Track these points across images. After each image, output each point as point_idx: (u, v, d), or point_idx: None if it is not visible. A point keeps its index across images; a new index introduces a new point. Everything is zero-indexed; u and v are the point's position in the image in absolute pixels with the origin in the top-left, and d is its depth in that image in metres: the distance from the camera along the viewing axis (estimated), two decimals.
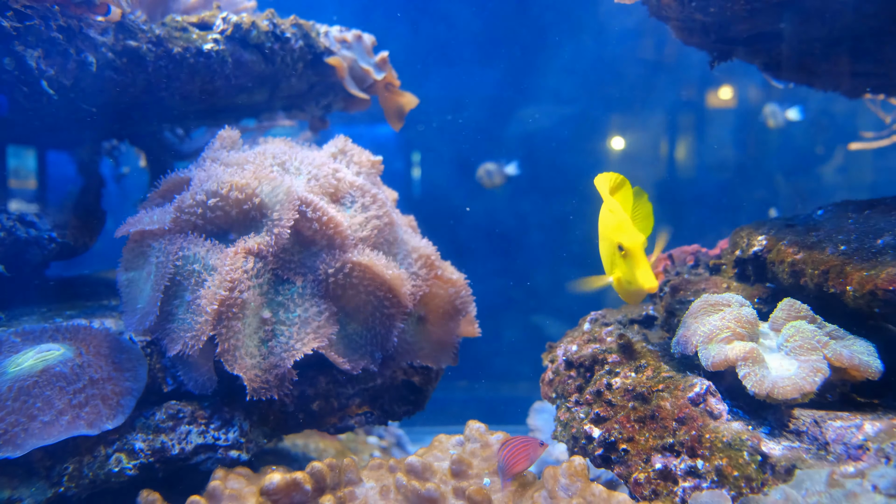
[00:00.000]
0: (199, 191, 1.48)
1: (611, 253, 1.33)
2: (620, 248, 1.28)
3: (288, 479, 1.27)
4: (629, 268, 1.28)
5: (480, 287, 1.91)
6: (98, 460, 1.37)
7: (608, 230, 1.34)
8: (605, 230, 1.35)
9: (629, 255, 1.28)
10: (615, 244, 1.30)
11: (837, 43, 1.61)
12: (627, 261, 1.29)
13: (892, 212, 1.28)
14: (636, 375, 1.33)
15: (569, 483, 1.21)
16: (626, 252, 1.28)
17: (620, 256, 1.29)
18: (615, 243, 1.30)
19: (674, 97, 4.33)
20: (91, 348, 1.44)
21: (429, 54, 4.32)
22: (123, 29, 1.60)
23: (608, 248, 1.34)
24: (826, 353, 1.16)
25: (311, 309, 1.51)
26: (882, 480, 0.95)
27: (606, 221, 1.35)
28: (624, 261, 1.29)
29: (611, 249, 1.33)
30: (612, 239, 1.32)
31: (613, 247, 1.31)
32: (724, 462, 1.12)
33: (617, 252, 1.30)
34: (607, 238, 1.34)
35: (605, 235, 1.35)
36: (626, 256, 1.28)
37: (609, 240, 1.33)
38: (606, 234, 1.34)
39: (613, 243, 1.31)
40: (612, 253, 1.32)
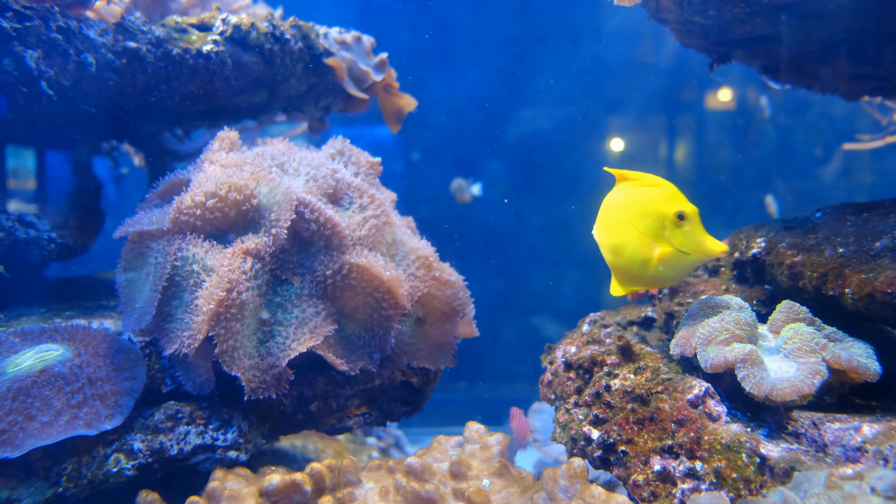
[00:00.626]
0: (198, 192, 1.49)
1: (657, 228, 1.27)
2: (681, 216, 1.23)
3: (287, 480, 1.27)
4: (690, 236, 1.24)
5: (479, 288, 1.91)
6: (97, 460, 1.37)
7: (657, 202, 1.27)
8: (652, 203, 1.27)
9: (690, 222, 1.23)
10: (666, 215, 1.25)
11: (836, 46, 1.62)
12: (686, 230, 1.24)
13: (890, 215, 1.28)
14: (635, 377, 1.33)
15: (568, 485, 1.21)
16: (687, 220, 1.23)
17: (676, 227, 1.24)
18: (667, 214, 1.25)
19: (673, 99, 4.34)
20: (90, 349, 1.43)
21: (428, 56, 4.32)
22: (123, 30, 1.60)
23: (653, 223, 1.27)
24: (825, 356, 1.16)
25: (308, 310, 1.51)
26: (880, 482, 0.95)
27: (649, 195, 1.28)
28: (681, 231, 1.24)
29: (657, 224, 1.26)
30: (661, 210, 1.26)
31: (663, 220, 1.25)
32: (723, 464, 1.12)
33: (668, 225, 1.25)
34: (654, 212, 1.27)
35: (649, 210, 1.28)
36: (684, 225, 1.24)
37: (657, 213, 1.26)
38: (653, 208, 1.27)
39: (664, 215, 1.25)
40: (660, 227, 1.26)
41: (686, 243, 1.24)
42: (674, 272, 1.30)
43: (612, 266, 1.39)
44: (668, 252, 1.26)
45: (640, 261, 1.30)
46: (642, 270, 1.31)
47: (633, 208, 1.30)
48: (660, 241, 1.27)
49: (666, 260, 1.27)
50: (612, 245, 1.34)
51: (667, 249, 1.26)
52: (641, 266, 1.30)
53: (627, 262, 1.32)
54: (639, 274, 1.33)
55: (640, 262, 1.30)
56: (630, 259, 1.31)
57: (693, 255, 1.26)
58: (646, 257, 1.29)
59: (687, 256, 1.26)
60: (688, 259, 1.26)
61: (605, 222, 1.36)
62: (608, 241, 1.35)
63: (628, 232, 1.30)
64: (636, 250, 1.30)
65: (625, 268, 1.34)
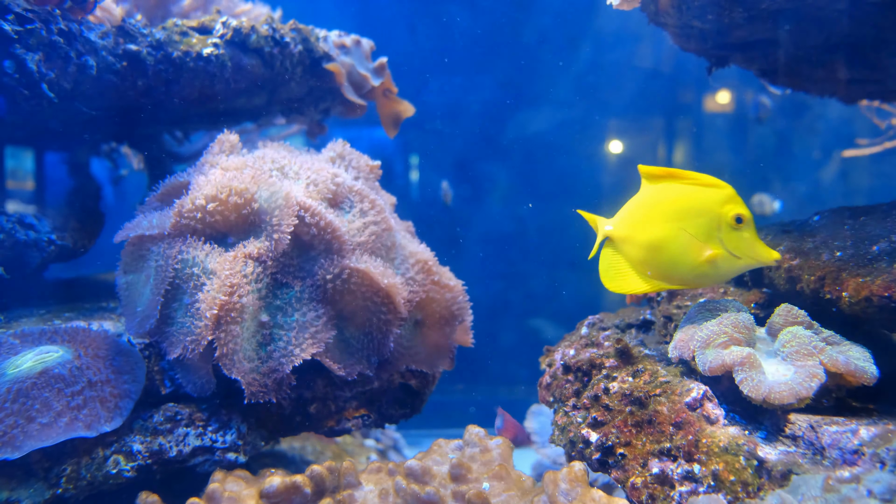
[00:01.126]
0: (199, 195, 1.49)
1: (710, 228, 1.24)
2: (739, 219, 1.21)
3: (287, 483, 1.27)
4: (745, 241, 1.21)
5: (478, 290, 1.91)
6: (96, 462, 1.37)
7: (714, 202, 1.24)
8: (708, 203, 1.24)
9: (747, 226, 1.21)
10: (723, 217, 1.22)
11: (833, 50, 1.62)
12: (742, 234, 1.21)
13: (887, 218, 1.29)
14: (633, 380, 1.34)
15: (569, 488, 1.21)
16: (745, 223, 1.21)
17: (732, 230, 1.22)
18: (725, 215, 1.22)
19: (671, 102, 4.34)
20: (90, 350, 1.44)
21: (427, 58, 4.33)
22: (124, 33, 1.61)
23: (707, 223, 1.24)
24: (822, 359, 1.16)
25: (309, 313, 1.51)
26: (877, 485, 0.96)
27: (705, 195, 1.25)
28: (736, 234, 1.22)
29: (711, 224, 1.23)
30: (718, 211, 1.23)
31: (718, 221, 1.23)
32: (721, 467, 1.13)
33: (723, 227, 1.22)
34: (710, 212, 1.24)
35: (705, 209, 1.24)
36: (741, 229, 1.21)
37: (713, 213, 1.23)
38: (710, 208, 1.24)
39: (720, 216, 1.22)
40: (714, 228, 1.23)
41: (739, 247, 1.22)
42: (719, 275, 1.27)
43: (643, 262, 1.35)
44: (719, 254, 1.24)
45: (686, 260, 1.27)
46: (685, 270, 1.28)
47: (686, 207, 1.26)
48: (711, 243, 1.24)
49: (716, 262, 1.25)
50: (651, 241, 1.31)
51: (718, 252, 1.24)
52: (685, 265, 1.28)
53: (670, 259, 1.29)
54: (678, 273, 1.30)
55: (684, 262, 1.28)
56: (673, 257, 1.29)
57: (744, 260, 1.23)
58: (693, 257, 1.27)
59: (738, 261, 1.23)
60: (738, 263, 1.24)
61: (642, 218, 1.33)
62: (645, 237, 1.32)
63: (675, 230, 1.27)
64: (683, 249, 1.27)
65: (663, 265, 1.31)
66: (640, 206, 1.35)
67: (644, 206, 1.34)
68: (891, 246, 1.18)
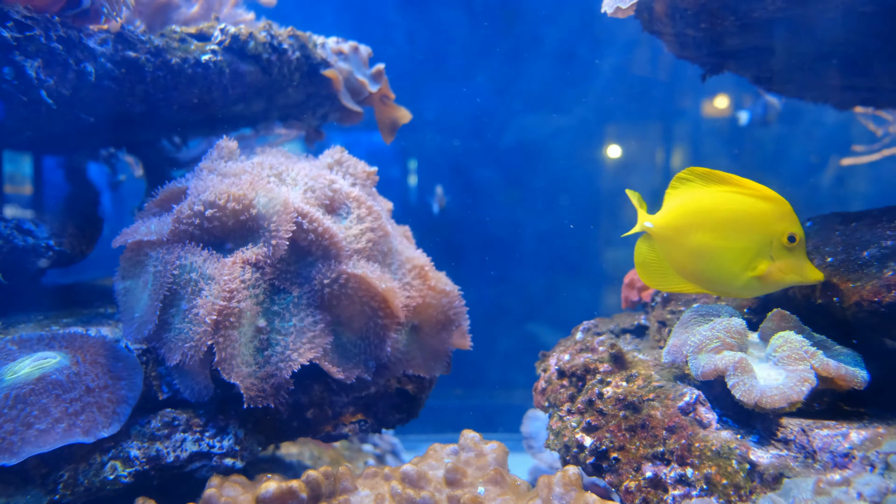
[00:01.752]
0: (197, 201, 1.50)
1: (763, 244, 1.22)
2: (792, 238, 1.20)
3: (283, 488, 1.28)
4: (794, 260, 1.20)
5: (476, 295, 1.92)
6: (93, 468, 1.38)
7: (769, 218, 1.22)
8: (763, 218, 1.22)
9: (799, 245, 1.20)
10: (777, 233, 1.21)
11: (826, 58, 1.64)
12: (793, 253, 1.20)
13: (877, 224, 1.31)
14: (627, 385, 1.35)
15: (563, 492, 1.22)
16: (798, 242, 1.20)
17: (783, 248, 1.20)
18: (778, 232, 1.21)
19: (669, 106, 4.36)
20: (87, 356, 1.45)
21: (425, 64, 4.35)
22: (122, 40, 1.62)
23: (760, 238, 1.22)
24: (813, 363, 1.18)
25: (306, 319, 1.52)
26: (867, 488, 0.97)
27: (760, 209, 1.23)
28: (788, 252, 1.20)
29: (764, 240, 1.22)
30: (773, 228, 1.21)
31: (771, 237, 1.21)
32: (714, 470, 1.14)
33: (775, 244, 1.21)
34: (763, 227, 1.22)
35: (759, 224, 1.22)
36: (794, 247, 1.20)
37: (767, 229, 1.22)
38: (764, 223, 1.22)
39: (774, 232, 1.21)
40: (766, 244, 1.22)
41: (789, 265, 1.21)
42: (764, 289, 1.26)
43: (683, 267, 1.34)
44: (768, 271, 1.23)
45: (732, 272, 1.26)
46: (729, 280, 1.27)
47: (740, 219, 1.24)
48: (761, 257, 1.23)
49: (764, 278, 1.23)
50: (697, 248, 1.29)
51: (769, 268, 1.23)
52: (730, 277, 1.26)
53: (715, 269, 1.28)
54: (721, 283, 1.29)
55: (730, 273, 1.26)
56: (719, 267, 1.27)
57: (790, 278, 1.22)
58: (741, 270, 1.25)
59: (785, 278, 1.22)
60: (785, 280, 1.23)
61: (690, 222, 1.30)
62: (691, 243, 1.30)
63: (725, 240, 1.26)
64: (732, 261, 1.25)
65: (706, 273, 1.30)
66: (688, 209, 1.31)
67: (693, 210, 1.31)
68: (881, 252, 1.20)
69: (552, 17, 4.26)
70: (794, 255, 1.21)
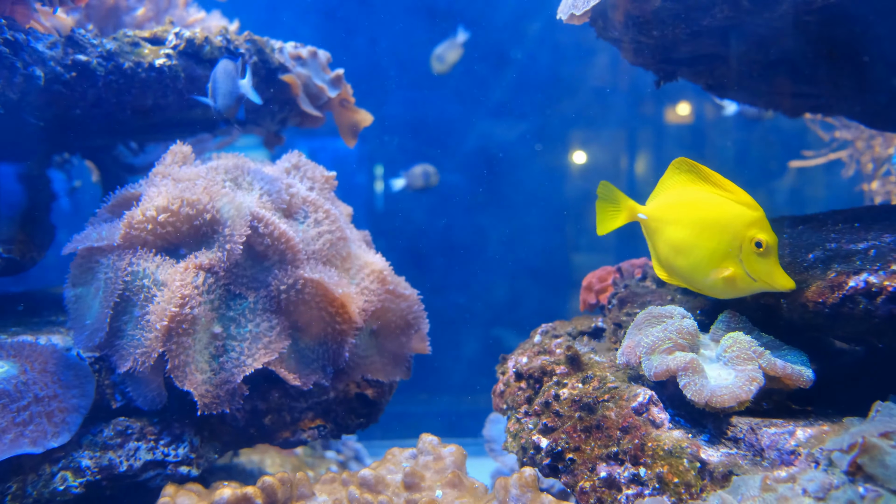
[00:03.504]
0: (149, 206, 1.48)
1: (733, 246, 1.23)
2: (759, 244, 1.20)
3: (238, 495, 1.26)
4: (763, 265, 1.20)
5: (440, 300, 1.93)
6: (42, 479, 1.35)
7: (740, 222, 1.22)
8: (735, 221, 1.23)
9: (768, 252, 1.20)
10: (746, 238, 1.21)
11: (774, 66, 1.68)
12: (763, 258, 1.20)
13: (822, 227, 1.34)
14: (583, 386, 1.36)
15: (519, 493, 1.23)
16: (766, 249, 1.20)
17: (751, 252, 1.20)
18: (748, 237, 1.21)
19: (631, 113, 4.43)
20: (36, 365, 1.41)
21: (388, 70, 4.36)
22: (73, 43, 1.59)
23: (729, 240, 1.23)
24: (761, 363, 1.20)
25: (262, 324, 1.51)
26: (811, 484, 0.99)
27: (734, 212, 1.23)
28: (756, 257, 1.20)
29: (734, 243, 1.22)
30: (743, 233, 1.22)
31: (741, 241, 1.22)
32: (665, 469, 1.15)
33: (744, 247, 1.21)
34: (734, 230, 1.22)
35: (730, 226, 1.23)
36: (761, 253, 1.20)
37: (737, 233, 1.22)
38: (735, 227, 1.22)
39: (743, 237, 1.21)
40: (736, 246, 1.22)
41: (757, 270, 1.22)
42: (734, 291, 1.27)
43: (664, 259, 1.36)
44: (736, 274, 1.24)
45: (704, 270, 1.27)
46: (701, 278, 1.29)
47: (714, 219, 1.25)
48: (730, 260, 1.24)
49: (731, 281, 1.24)
50: (678, 243, 1.31)
51: (736, 271, 1.23)
52: (702, 274, 1.28)
53: (688, 265, 1.30)
54: (694, 279, 1.31)
55: (702, 271, 1.28)
56: (692, 264, 1.29)
57: (757, 284, 1.23)
58: (710, 270, 1.26)
59: (754, 283, 1.24)
60: (754, 285, 1.24)
61: (673, 216, 1.32)
62: (672, 237, 1.32)
63: (701, 238, 1.27)
64: (703, 260, 1.27)
65: (681, 268, 1.32)
66: (674, 202, 1.34)
67: (678, 203, 1.33)
68: (825, 254, 1.23)
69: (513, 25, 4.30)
70: (764, 261, 1.21)
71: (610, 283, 1.95)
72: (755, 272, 1.22)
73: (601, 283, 1.99)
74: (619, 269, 1.95)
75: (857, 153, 3.34)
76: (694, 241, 1.28)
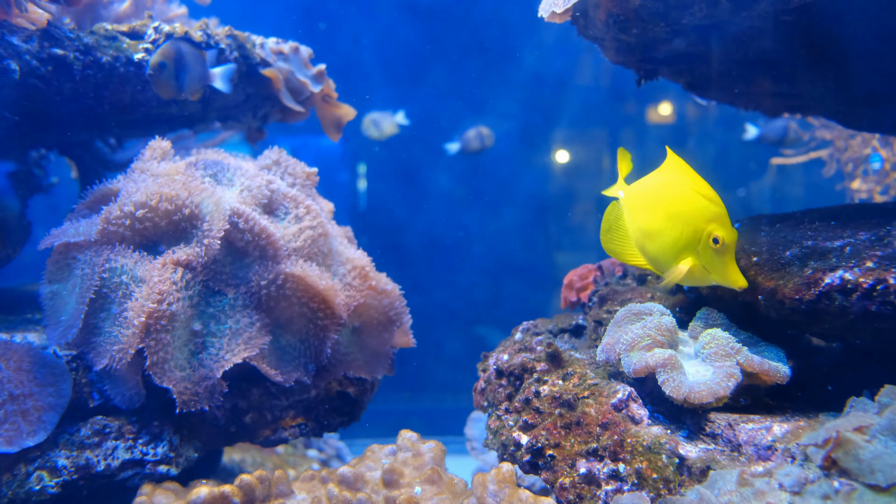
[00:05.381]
0: (128, 202, 1.46)
1: (693, 239, 1.25)
2: (716, 241, 1.22)
3: (216, 493, 1.25)
4: (718, 260, 1.23)
5: (423, 298, 1.92)
6: (18, 479, 1.33)
7: (701, 216, 1.25)
8: (697, 215, 1.25)
9: (724, 249, 1.22)
10: (704, 232, 1.23)
11: (753, 65, 1.70)
12: (719, 254, 1.23)
13: (799, 225, 1.36)
14: (563, 383, 1.37)
15: (497, 489, 1.23)
16: (722, 245, 1.22)
17: (709, 246, 1.23)
18: (706, 231, 1.23)
19: (614, 112, 4.45)
20: (11, 363, 1.39)
21: (371, 67, 4.34)
22: (49, 37, 1.57)
23: (691, 233, 1.26)
24: (739, 360, 1.21)
25: (242, 320, 1.50)
26: (787, 479, 1.00)
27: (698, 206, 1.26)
28: (712, 252, 1.23)
29: (694, 236, 1.25)
30: (702, 227, 1.24)
31: (700, 234, 1.24)
32: (644, 465, 1.16)
33: (702, 241, 1.23)
34: (695, 224, 1.25)
35: (692, 220, 1.26)
36: (718, 248, 1.22)
37: (697, 226, 1.25)
38: (696, 221, 1.25)
39: (702, 231, 1.24)
40: (695, 239, 1.25)
41: (712, 264, 1.24)
42: (692, 280, 1.30)
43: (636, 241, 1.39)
44: (693, 265, 1.26)
45: (665, 258, 1.31)
46: (663, 262, 1.32)
47: (680, 210, 1.28)
48: (689, 251, 1.26)
49: (690, 271, 1.27)
50: (646, 228, 1.35)
51: (694, 262, 1.26)
52: (665, 262, 1.31)
53: (654, 249, 1.33)
54: (658, 262, 1.34)
55: (665, 258, 1.31)
56: (657, 250, 1.32)
57: (712, 277, 1.26)
58: (672, 258, 1.29)
59: (708, 275, 1.26)
60: (709, 277, 1.26)
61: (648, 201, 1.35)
62: (642, 222, 1.36)
63: (666, 226, 1.30)
64: (666, 248, 1.30)
65: (649, 251, 1.36)
66: (649, 189, 1.37)
67: (651, 191, 1.36)
68: (801, 251, 1.24)
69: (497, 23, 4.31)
70: (720, 256, 1.24)
71: (591, 280, 1.95)
72: (710, 265, 1.25)
73: (582, 281, 2.00)
74: (601, 267, 1.96)
75: (837, 152, 3.38)
76: (660, 227, 1.31)
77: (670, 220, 1.29)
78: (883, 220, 1.27)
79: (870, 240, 1.19)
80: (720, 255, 1.24)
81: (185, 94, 1.54)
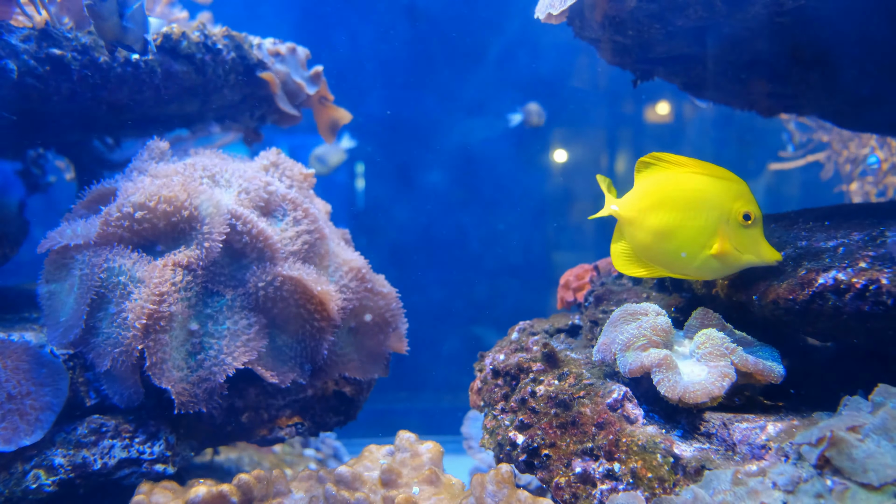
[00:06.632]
0: (126, 203, 1.47)
1: (719, 222, 1.24)
2: (747, 216, 1.21)
3: (214, 492, 1.26)
4: (751, 238, 1.22)
5: (420, 298, 1.93)
6: (14, 477, 1.33)
7: (726, 196, 1.24)
8: (720, 196, 1.24)
9: (755, 224, 1.21)
10: (733, 212, 1.22)
11: (749, 66, 1.71)
12: (750, 231, 1.22)
13: (793, 225, 1.36)
14: (559, 383, 1.38)
15: (496, 490, 1.24)
16: (753, 221, 1.21)
17: (739, 226, 1.22)
18: (735, 211, 1.22)
19: (612, 112, 4.46)
20: (9, 362, 1.40)
21: (368, 67, 4.35)
22: (47, 36, 1.57)
23: (717, 216, 1.24)
24: (733, 359, 1.22)
25: (240, 322, 1.50)
26: (780, 478, 1.01)
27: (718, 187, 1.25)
28: (743, 231, 1.22)
29: (721, 218, 1.24)
30: (729, 206, 1.23)
31: (728, 215, 1.23)
32: (639, 464, 1.17)
33: (731, 222, 1.22)
34: (720, 206, 1.24)
35: (716, 203, 1.24)
36: (749, 226, 1.22)
37: (723, 207, 1.24)
38: (721, 202, 1.24)
39: (730, 211, 1.23)
40: (723, 222, 1.23)
41: (745, 244, 1.23)
42: (723, 269, 1.28)
43: (646, 248, 1.36)
44: (725, 249, 1.24)
45: (691, 251, 1.28)
46: (688, 260, 1.29)
47: (698, 198, 1.26)
48: (717, 236, 1.24)
49: (721, 256, 1.25)
50: (658, 228, 1.31)
51: (725, 246, 1.24)
52: (690, 256, 1.28)
53: (675, 248, 1.30)
54: (681, 263, 1.31)
55: (690, 252, 1.28)
56: (679, 246, 1.29)
57: (747, 258, 1.24)
58: (699, 249, 1.27)
59: (742, 256, 1.24)
60: (742, 259, 1.25)
61: (652, 203, 1.32)
62: (652, 223, 1.32)
63: (684, 219, 1.27)
64: (690, 240, 1.27)
65: (667, 254, 1.32)
66: (650, 190, 1.34)
67: (655, 191, 1.33)
68: (795, 251, 1.25)
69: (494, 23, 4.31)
70: (750, 234, 1.23)
71: (587, 280, 1.96)
72: (743, 245, 1.23)
73: (578, 281, 2.01)
74: (597, 268, 1.97)
75: (834, 154, 3.39)
76: (679, 221, 1.28)
77: (690, 209, 1.26)
78: (876, 220, 1.28)
79: (863, 240, 1.20)
80: (752, 232, 1.22)
81: (128, 37, 1.47)
